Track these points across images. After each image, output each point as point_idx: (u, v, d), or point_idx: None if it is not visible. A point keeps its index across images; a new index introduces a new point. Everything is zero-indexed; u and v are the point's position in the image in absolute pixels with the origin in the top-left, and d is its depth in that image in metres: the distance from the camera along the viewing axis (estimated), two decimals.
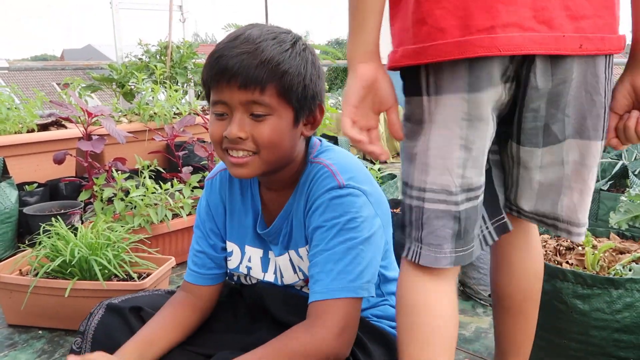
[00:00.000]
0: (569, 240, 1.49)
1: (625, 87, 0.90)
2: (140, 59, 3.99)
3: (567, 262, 1.35)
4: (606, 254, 1.37)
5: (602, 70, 0.86)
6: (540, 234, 1.52)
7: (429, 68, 0.85)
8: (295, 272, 1.12)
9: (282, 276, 1.14)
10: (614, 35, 0.86)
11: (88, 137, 2.13)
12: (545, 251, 1.43)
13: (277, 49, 0.94)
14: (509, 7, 0.80)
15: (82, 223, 2.20)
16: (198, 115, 2.95)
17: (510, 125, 0.90)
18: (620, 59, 1.01)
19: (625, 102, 0.90)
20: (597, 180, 2.32)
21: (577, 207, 0.92)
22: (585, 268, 1.33)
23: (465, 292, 1.95)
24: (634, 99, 0.89)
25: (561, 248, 1.43)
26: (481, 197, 0.90)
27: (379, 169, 2.47)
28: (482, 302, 1.89)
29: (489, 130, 0.87)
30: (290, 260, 1.12)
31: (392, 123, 0.88)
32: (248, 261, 1.17)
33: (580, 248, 1.41)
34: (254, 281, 1.19)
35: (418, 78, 0.88)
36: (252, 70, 0.92)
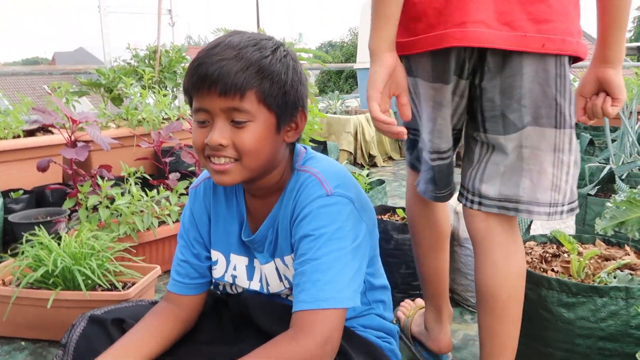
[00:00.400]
0: (555, 247, 1.49)
1: (591, 77, 1.11)
2: (129, 63, 3.97)
3: (552, 270, 1.35)
4: (591, 261, 1.36)
5: (552, 67, 1.03)
6: (526, 241, 1.51)
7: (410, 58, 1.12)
8: (280, 280, 1.12)
9: (267, 284, 1.13)
10: (574, 40, 1.02)
11: (72, 144, 2.10)
12: (531, 258, 1.42)
13: (257, 55, 0.95)
14: (478, 7, 0.99)
15: (67, 231, 2.18)
16: (186, 120, 2.93)
17: (476, 116, 1.11)
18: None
19: (591, 89, 1.12)
20: (585, 185, 2.33)
21: (536, 187, 1.07)
22: (570, 275, 1.33)
23: (454, 299, 1.94)
24: (599, 86, 1.11)
25: (547, 255, 1.43)
26: (450, 158, 1.21)
27: (367, 175, 2.46)
28: (470, 309, 1.88)
29: (449, 112, 1.13)
30: (277, 268, 1.11)
31: (403, 104, 1.11)
32: (233, 269, 1.16)
33: (565, 255, 1.40)
34: (239, 290, 1.18)
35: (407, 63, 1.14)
36: (231, 77, 0.92)
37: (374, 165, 4.67)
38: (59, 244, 1.71)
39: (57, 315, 1.65)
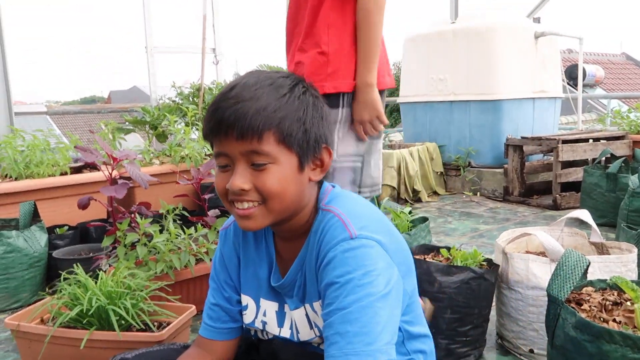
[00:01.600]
0: (615, 294, 1.36)
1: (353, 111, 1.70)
2: (173, 100, 4.06)
3: (614, 320, 1.22)
4: None
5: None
6: (583, 287, 1.39)
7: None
8: (311, 327, 1.06)
9: (297, 332, 1.07)
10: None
11: (113, 181, 2.12)
12: (589, 306, 1.30)
13: (273, 95, 0.92)
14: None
15: (107, 267, 2.18)
16: None
17: None
18: None
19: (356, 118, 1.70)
20: None
21: None
22: (635, 327, 1.20)
23: (504, 346, 1.81)
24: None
25: (607, 303, 1.30)
26: None
27: (410, 212, 2.37)
28: (522, 357, 1.74)
29: None
30: (306, 314, 1.05)
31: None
32: (263, 315, 1.11)
33: (628, 304, 1.27)
34: (270, 336, 1.13)
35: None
36: (247, 120, 0.89)
37: (418, 200, 4.55)
38: (96, 282, 1.70)
39: (91, 355, 1.62)
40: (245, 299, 1.13)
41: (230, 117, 0.90)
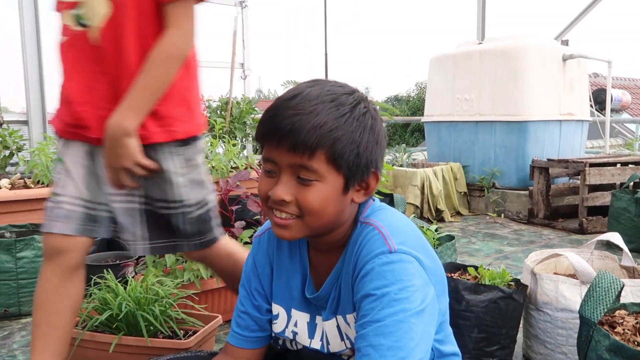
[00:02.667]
0: None
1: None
2: None
3: None
4: None
5: None
6: (616, 309, 1.37)
7: None
8: (342, 339, 1.06)
9: (328, 343, 1.07)
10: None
11: None
12: (623, 330, 1.28)
13: (333, 114, 0.91)
14: None
15: (134, 275, 2.21)
16: (254, 169, 2.97)
17: None
18: None
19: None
20: None
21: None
22: None
23: None
24: None
25: None
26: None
27: (436, 229, 2.37)
28: None
29: None
30: (338, 326, 1.05)
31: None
32: (294, 326, 1.11)
33: None
34: (299, 347, 1.13)
35: None
36: (302, 134, 0.89)
37: (442, 220, 4.53)
38: (125, 288, 1.72)
39: (119, 359, 1.64)
40: (277, 309, 1.13)
41: (286, 128, 0.90)
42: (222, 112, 4.06)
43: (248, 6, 4.47)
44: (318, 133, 0.89)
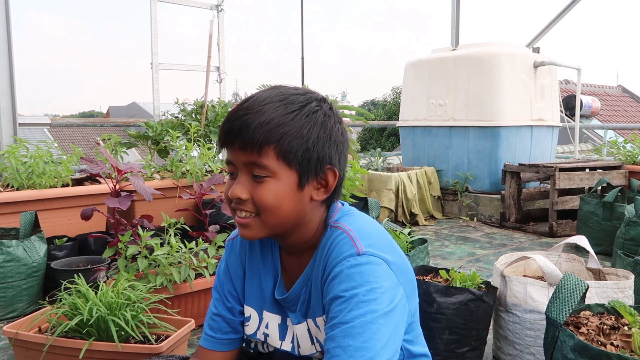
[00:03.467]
0: (613, 318, 1.37)
1: None
2: (176, 117, 4.09)
3: (611, 344, 1.24)
4: None
5: None
6: (581, 310, 1.41)
7: None
8: (312, 343, 1.06)
9: (299, 346, 1.08)
10: None
11: (116, 193, 2.14)
12: (587, 330, 1.31)
13: (279, 111, 0.94)
14: None
15: (106, 279, 2.18)
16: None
17: None
18: None
19: None
20: None
21: None
22: (632, 351, 1.21)
23: None
24: None
25: (605, 327, 1.32)
26: None
27: (409, 233, 2.39)
28: None
29: None
30: (308, 329, 1.06)
31: None
32: (265, 327, 1.12)
33: (626, 328, 1.29)
34: (271, 349, 1.14)
35: None
36: (249, 132, 0.93)
37: (416, 223, 4.58)
38: (96, 293, 1.70)
39: None
40: (249, 310, 1.14)
41: (236, 128, 0.94)
42: (198, 116, 4.03)
43: (224, 10, 4.46)
44: (264, 129, 0.92)
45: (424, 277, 1.90)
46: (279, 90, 0.98)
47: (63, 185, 2.96)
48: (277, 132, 0.93)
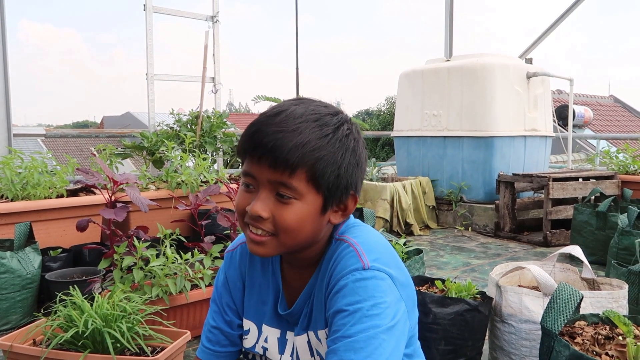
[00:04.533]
0: (607, 328, 1.38)
1: None
2: (171, 127, 4.10)
3: (606, 354, 1.25)
4: None
5: None
6: (576, 320, 1.42)
7: None
8: (312, 355, 1.06)
9: (298, 358, 1.08)
10: None
11: (112, 204, 2.14)
12: (582, 340, 1.32)
13: (315, 133, 0.91)
14: None
15: (101, 291, 2.17)
16: (224, 184, 2.97)
17: None
18: None
19: None
20: (635, 262, 2.20)
21: None
22: None
23: None
24: None
25: (599, 337, 1.32)
26: None
27: (404, 243, 2.40)
28: None
29: None
30: (309, 342, 1.06)
31: None
32: (264, 341, 1.12)
33: (620, 338, 1.30)
34: None
35: None
36: (284, 152, 0.89)
37: (410, 233, 4.58)
38: (92, 305, 1.70)
39: None
40: (248, 324, 1.13)
41: (268, 144, 0.90)
42: (193, 126, 4.04)
43: (219, 21, 4.48)
44: (300, 152, 0.89)
45: (420, 288, 1.91)
46: (311, 108, 0.95)
47: (58, 196, 2.96)
48: (313, 155, 0.90)
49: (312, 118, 0.92)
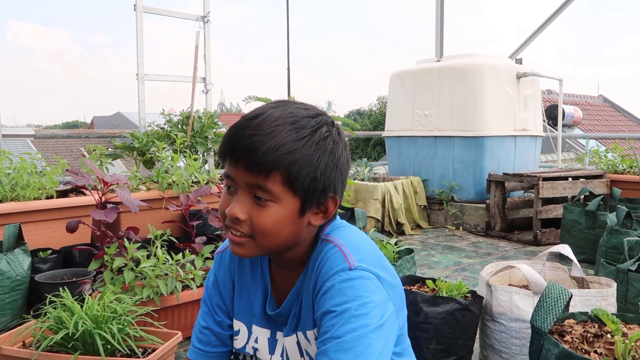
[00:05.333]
0: (596, 326, 1.39)
1: None
2: (162, 128, 4.08)
3: (595, 352, 1.26)
4: (638, 344, 1.27)
5: None
6: (565, 319, 1.43)
7: None
8: (302, 356, 1.07)
9: (288, 359, 1.08)
10: None
11: (102, 205, 2.13)
12: (572, 338, 1.33)
13: (291, 136, 0.91)
14: None
15: (92, 292, 2.16)
16: (215, 184, 2.96)
17: None
18: None
19: None
20: (624, 260, 2.22)
21: None
22: (615, 359, 1.23)
23: None
24: None
25: (588, 335, 1.34)
26: None
27: (395, 243, 2.40)
28: None
29: None
30: (298, 342, 1.06)
31: None
32: (255, 342, 1.12)
33: (609, 336, 1.31)
34: None
35: None
36: (258, 155, 0.90)
37: (402, 233, 4.60)
38: (82, 306, 1.69)
39: None
40: (238, 324, 1.14)
41: (243, 148, 0.91)
42: (184, 127, 4.03)
43: (210, 21, 4.47)
44: (274, 155, 0.90)
45: (411, 287, 1.91)
46: (289, 111, 0.95)
47: (47, 197, 2.94)
48: (287, 159, 0.90)
49: (288, 121, 0.93)
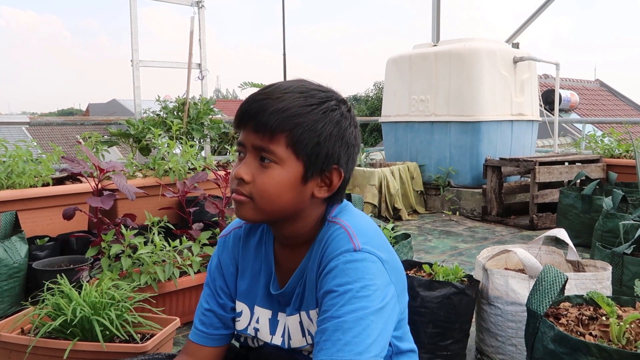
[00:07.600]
0: (591, 309, 1.41)
1: None
2: (158, 114, 4.06)
3: (590, 334, 1.27)
4: (632, 326, 1.28)
5: None
6: (560, 302, 1.44)
7: None
8: (303, 335, 1.08)
9: (290, 339, 1.09)
10: None
11: (98, 192, 2.12)
12: (567, 321, 1.34)
13: (298, 102, 0.95)
14: None
15: (89, 279, 2.17)
16: (211, 171, 2.95)
17: None
18: None
19: None
20: (619, 244, 2.24)
21: None
22: (610, 341, 1.24)
23: None
24: None
25: (584, 318, 1.35)
26: None
27: (392, 228, 2.41)
28: None
29: None
30: (301, 322, 1.07)
31: None
32: (256, 322, 1.13)
33: (604, 318, 1.32)
34: (260, 343, 1.15)
35: None
36: (265, 116, 0.94)
37: (399, 218, 4.61)
38: (80, 293, 1.69)
39: None
40: (240, 306, 1.15)
41: (253, 110, 0.95)
42: (179, 113, 4.01)
43: (205, 6, 4.43)
44: (280, 116, 0.93)
45: (408, 272, 1.92)
46: (301, 83, 1.00)
47: (43, 185, 2.93)
48: (292, 121, 0.94)
49: (298, 90, 0.97)
